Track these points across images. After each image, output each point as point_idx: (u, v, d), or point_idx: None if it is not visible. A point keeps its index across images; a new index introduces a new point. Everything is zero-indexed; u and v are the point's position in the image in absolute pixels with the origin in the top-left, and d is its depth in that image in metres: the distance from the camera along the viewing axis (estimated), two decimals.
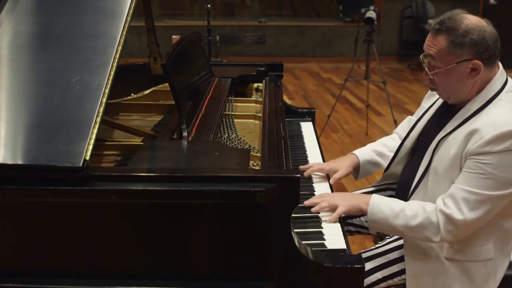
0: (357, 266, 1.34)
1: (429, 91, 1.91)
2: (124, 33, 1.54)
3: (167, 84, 2.63)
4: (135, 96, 2.49)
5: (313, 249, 1.39)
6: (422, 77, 1.74)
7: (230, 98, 2.37)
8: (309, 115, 2.73)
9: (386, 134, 5.08)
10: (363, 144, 2.19)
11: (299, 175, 1.26)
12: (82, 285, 1.28)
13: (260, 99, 2.43)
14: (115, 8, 1.58)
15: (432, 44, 1.61)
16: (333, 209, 1.68)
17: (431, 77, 1.64)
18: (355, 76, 5.38)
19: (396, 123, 4.75)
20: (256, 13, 9.59)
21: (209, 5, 5.38)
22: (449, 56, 1.57)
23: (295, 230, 1.33)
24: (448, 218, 1.55)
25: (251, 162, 1.50)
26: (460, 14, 1.61)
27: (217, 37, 7.46)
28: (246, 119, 2.20)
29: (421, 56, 1.68)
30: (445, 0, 7.92)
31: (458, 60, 1.57)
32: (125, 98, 2.40)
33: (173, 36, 7.47)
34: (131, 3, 1.61)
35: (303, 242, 1.38)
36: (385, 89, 4.88)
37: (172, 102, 2.40)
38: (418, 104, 2.12)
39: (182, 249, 1.28)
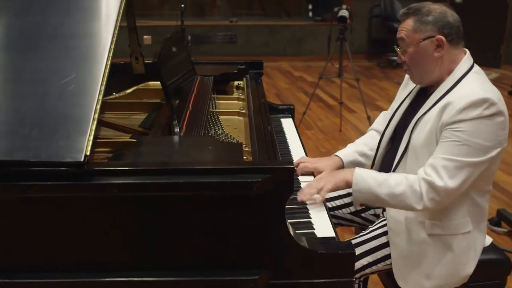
0: (348, 252, 1.40)
1: (404, 82, 2.03)
2: (116, 32, 1.58)
3: (149, 82, 2.68)
4: (117, 95, 2.52)
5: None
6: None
7: (212, 96, 2.42)
8: (289, 111, 2.79)
9: (359, 130, 5.21)
10: (337, 140, 2.27)
11: (293, 166, 1.31)
12: (85, 278, 1.31)
13: (242, 96, 2.48)
14: (106, 7, 1.61)
15: (402, 28, 1.77)
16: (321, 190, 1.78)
17: (404, 59, 1.78)
18: (327, 74, 5.47)
19: (369, 120, 4.85)
20: (226, 13, 9.64)
21: (182, 5, 5.40)
22: (416, 35, 1.73)
23: None
24: (430, 185, 1.65)
25: None
26: (424, 2, 1.79)
27: (189, 37, 7.49)
28: (230, 116, 2.25)
29: (394, 47, 1.82)
30: None
31: (423, 37, 1.72)
32: (109, 97, 2.42)
33: (145, 37, 7.47)
34: (121, 2, 1.64)
35: None
36: (359, 86, 4.99)
37: (156, 100, 2.44)
38: (389, 101, 2.21)
39: (182, 240, 1.32)
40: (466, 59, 1.77)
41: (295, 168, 2.02)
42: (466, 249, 1.77)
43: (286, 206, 1.65)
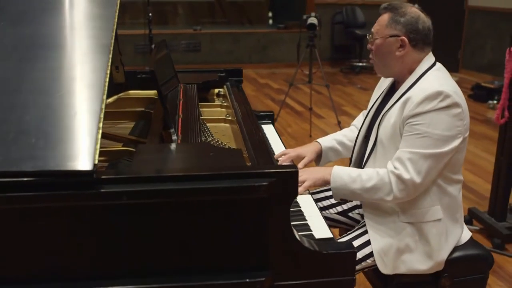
0: (350, 251, 1.46)
1: (378, 83, 2.14)
2: (112, 41, 1.59)
3: (129, 91, 2.68)
4: None
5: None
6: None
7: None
8: (269, 117, 2.84)
9: (328, 135, 5.27)
10: None
11: (297, 169, 1.35)
12: (96, 286, 1.31)
13: (225, 104, 2.52)
14: (101, 16, 1.62)
15: (378, 20, 1.91)
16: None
17: (371, 47, 1.91)
18: (294, 81, 5.54)
19: (340, 124, 4.95)
20: (189, 22, 9.65)
21: (150, 14, 5.38)
22: (386, 29, 1.86)
23: None
24: (399, 178, 1.77)
25: None
26: (406, 3, 1.92)
27: (153, 46, 7.45)
28: (216, 123, 2.29)
29: (367, 34, 1.95)
30: (373, 5, 8.31)
31: (391, 34, 1.85)
32: None
33: None
34: (116, 12, 1.66)
35: None
36: (329, 92, 5.08)
37: (139, 108, 2.45)
38: (354, 106, 2.29)
39: (191, 245, 1.34)
40: (427, 58, 1.89)
41: (278, 159, 2.13)
42: (437, 236, 1.87)
43: None
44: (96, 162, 1.29)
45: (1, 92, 1.44)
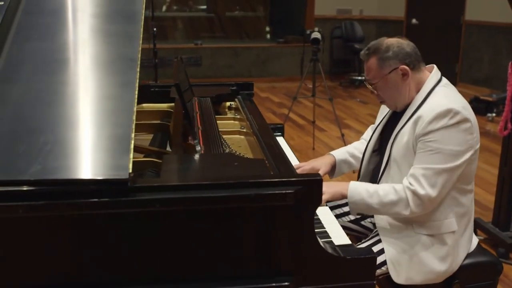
0: (370, 256, 1.51)
1: None
2: (139, 56, 1.66)
3: (142, 104, 2.74)
4: None
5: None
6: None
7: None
8: (279, 130, 2.90)
9: (331, 148, 5.34)
10: (312, 158, 2.44)
11: (321, 178, 1.42)
12: None
13: (238, 116, 2.58)
14: (130, 30, 1.69)
15: (367, 67, 1.97)
16: None
17: (376, 92, 1.98)
18: (295, 94, 5.63)
19: (343, 137, 5.02)
20: (188, 36, 9.75)
21: (155, 29, 5.47)
22: (381, 71, 1.92)
23: None
24: (414, 193, 1.83)
25: None
26: (380, 39, 1.97)
27: (156, 61, 7.52)
28: (231, 135, 2.35)
29: (365, 83, 2.02)
30: (370, 20, 8.44)
31: (388, 71, 1.91)
32: None
33: None
34: (141, 27, 1.73)
35: None
36: (332, 106, 5.15)
37: (156, 121, 2.51)
38: (355, 119, 2.35)
39: (222, 251, 1.39)
40: (434, 75, 1.96)
41: None
42: (450, 247, 1.93)
43: None
44: (130, 171, 1.35)
45: (35, 105, 1.50)
